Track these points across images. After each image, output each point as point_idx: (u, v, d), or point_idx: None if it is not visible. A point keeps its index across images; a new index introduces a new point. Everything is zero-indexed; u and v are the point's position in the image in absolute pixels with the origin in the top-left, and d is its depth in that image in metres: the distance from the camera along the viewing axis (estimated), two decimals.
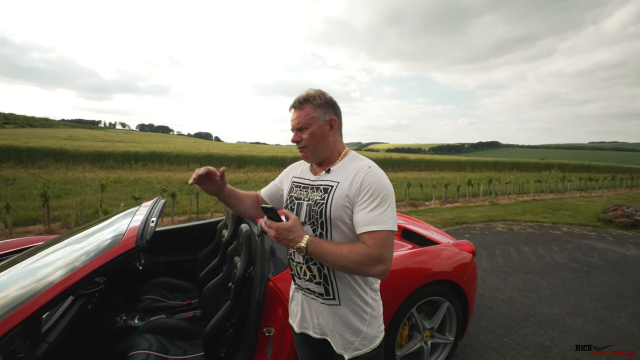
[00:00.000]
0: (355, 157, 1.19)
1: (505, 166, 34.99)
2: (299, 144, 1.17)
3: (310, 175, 1.24)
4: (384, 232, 1.02)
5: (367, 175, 1.08)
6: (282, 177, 1.38)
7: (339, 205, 1.09)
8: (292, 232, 1.03)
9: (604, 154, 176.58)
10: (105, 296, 2.22)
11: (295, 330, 1.28)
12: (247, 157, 24.53)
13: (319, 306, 1.19)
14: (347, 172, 1.13)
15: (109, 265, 1.39)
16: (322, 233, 1.12)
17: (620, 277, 4.12)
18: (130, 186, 11.65)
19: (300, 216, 1.16)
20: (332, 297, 1.15)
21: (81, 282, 1.32)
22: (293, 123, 1.17)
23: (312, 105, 1.15)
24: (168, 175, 16.62)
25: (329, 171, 1.18)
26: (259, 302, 1.64)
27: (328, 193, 1.12)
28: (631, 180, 18.55)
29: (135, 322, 2.15)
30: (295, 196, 1.22)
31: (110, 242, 1.49)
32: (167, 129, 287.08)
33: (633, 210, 7.55)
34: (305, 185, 1.22)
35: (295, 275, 1.24)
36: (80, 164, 18.78)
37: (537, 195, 12.59)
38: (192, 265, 2.82)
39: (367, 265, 1.01)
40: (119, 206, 6.83)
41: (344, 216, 1.09)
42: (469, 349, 2.51)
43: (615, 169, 37.71)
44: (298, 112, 1.16)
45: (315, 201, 1.13)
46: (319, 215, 1.11)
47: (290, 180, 1.30)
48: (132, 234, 1.51)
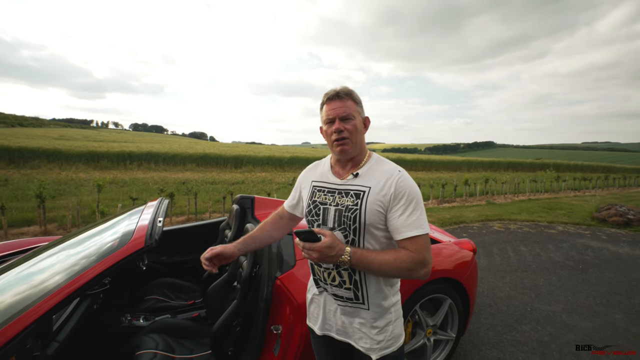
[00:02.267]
0: (381, 161, 1.18)
1: (501, 166, 35.29)
2: (340, 134, 1.11)
3: (333, 178, 1.20)
4: (423, 236, 1.05)
5: (400, 180, 1.09)
6: (299, 184, 1.35)
7: (373, 211, 1.08)
8: (333, 248, 1.02)
9: (597, 154, 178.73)
10: (109, 297, 2.23)
11: (317, 332, 1.27)
12: (244, 157, 24.44)
13: (345, 310, 1.18)
14: (376, 177, 1.12)
15: (119, 265, 1.40)
16: (354, 239, 1.10)
17: (614, 275, 4.19)
18: (125, 187, 11.58)
19: (327, 221, 1.14)
20: (362, 302, 1.14)
21: (92, 282, 1.34)
22: (337, 111, 1.11)
23: (354, 100, 1.14)
24: (164, 175, 16.55)
25: (356, 175, 1.15)
26: (267, 300, 1.66)
27: (361, 199, 1.09)
28: (623, 180, 18.81)
29: (140, 322, 2.16)
30: (319, 201, 1.18)
31: (120, 242, 1.51)
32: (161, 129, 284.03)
33: (626, 209, 7.67)
34: (331, 189, 1.18)
35: (319, 280, 1.22)
36: (74, 164, 18.60)
37: (532, 194, 12.74)
38: (194, 265, 2.83)
39: (413, 270, 1.04)
40: (116, 207, 6.78)
41: (377, 222, 1.09)
42: (470, 345, 2.55)
43: (608, 168, 38.23)
44: (341, 102, 1.12)
45: (346, 207, 1.11)
46: (352, 221, 1.09)
47: (310, 185, 1.25)
48: (141, 234, 1.52)
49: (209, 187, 11.41)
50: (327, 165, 1.25)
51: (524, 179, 15.64)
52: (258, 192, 10.22)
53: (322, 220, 1.15)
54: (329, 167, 1.24)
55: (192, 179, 15.17)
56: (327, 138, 1.17)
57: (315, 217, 1.18)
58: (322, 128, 1.21)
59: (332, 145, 1.15)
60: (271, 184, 13.72)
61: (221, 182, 14.02)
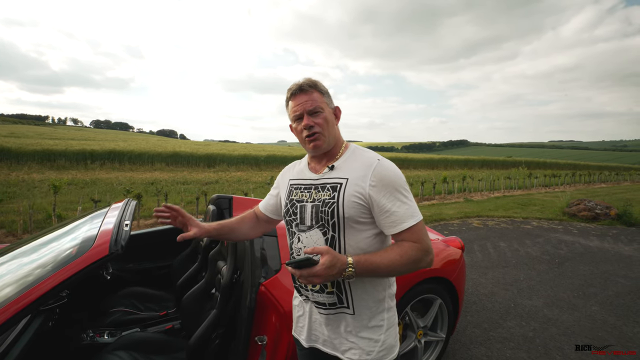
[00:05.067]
0: (358, 150, 1.11)
1: (475, 164, 36.54)
2: (311, 129, 1.05)
3: (310, 174, 1.13)
4: (420, 223, 0.99)
5: (381, 169, 1.01)
6: (277, 184, 1.28)
7: (351, 203, 1.00)
8: (334, 266, 0.90)
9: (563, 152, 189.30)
10: (67, 311, 1.97)
11: (304, 345, 1.16)
12: (217, 155, 23.39)
13: (329, 318, 1.08)
14: (354, 167, 1.05)
15: (78, 276, 1.22)
16: (334, 236, 1.02)
17: (588, 268, 4.35)
18: (87, 188, 10.75)
19: (304, 219, 1.06)
20: (346, 306, 1.05)
21: (45, 297, 1.15)
22: (303, 106, 1.05)
23: (320, 91, 1.07)
24: (130, 175, 15.63)
25: (332, 168, 1.08)
26: (250, 308, 1.52)
27: (337, 191, 1.02)
28: (589, 177, 19.94)
29: (104, 339, 1.92)
30: (296, 199, 1.11)
31: (79, 249, 1.32)
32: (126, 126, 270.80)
33: (594, 204, 8.07)
34: (307, 185, 1.11)
35: (300, 288, 1.13)
36: (26, 164, 17.06)
37: (507, 191, 13.20)
38: (166, 272, 2.62)
39: (420, 261, 0.98)
40: (76, 210, 6.23)
41: (358, 215, 1.01)
42: (458, 344, 2.52)
43: (574, 166, 40.56)
44: (306, 96, 1.05)
45: (323, 201, 1.03)
46: (330, 215, 1.01)
47: (288, 184, 1.19)
48: (105, 239, 1.34)
49: (180, 188, 10.90)
50: (304, 162, 1.20)
51: (498, 176, 16.21)
52: (234, 191, 9.88)
53: (299, 219, 1.08)
54: (306, 164, 1.18)
55: (162, 179, 14.46)
56: (298, 136, 1.11)
57: (292, 217, 1.10)
58: (291, 126, 1.13)
59: (304, 142, 1.09)
60: (247, 183, 13.35)
61: (193, 182, 13.41)
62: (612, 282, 3.88)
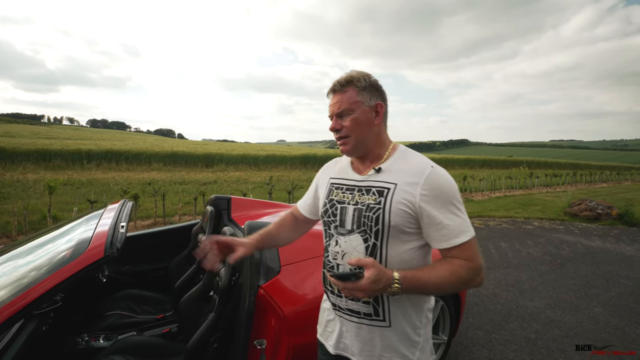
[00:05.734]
0: (408, 153, 1.03)
1: (476, 163, 36.48)
2: (338, 132, 1.00)
3: (353, 174, 1.06)
4: (473, 239, 0.92)
5: (435, 176, 0.93)
6: (316, 182, 1.22)
7: (399, 211, 0.93)
8: (380, 280, 0.84)
9: (564, 151, 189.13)
10: (62, 315, 1.93)
11: (330, 351, 1.11)
12: (216, 155, 23.12)
13: (362, 328, 1.01)
14: (404, 172, 0.97)
15: (73, 279, 1.19)
16: (375, 243, 0.95)
17: (590, 268, 4.32)
18: (83, 188, 10.65)
19: (345, 222, 1.00)
20: (382, 318, 0.98)
21: (39, 301, 1.13)
22: (332, 108, 1.01)
23: (356, 88, 0.99)
24: (127, 175, 15.48)
25: (379, 170, 1.00)
26: (249, 312, 1.49)
27: (385, 197, 0.95)
28: (590, 176, 19.90)
29: (100, 343, 1.89)
30: (336, 199, 1.05)
31: (74, 251, 1.30)
32: (123, 125, 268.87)
33: (595, 204, 8.03)
34: (350, 186, 1.04)
35: (331, 292, 1.06)
36: (21, 164, 16.83)
37: (508, 191, 13.16)
38: (163, 274, 2.58)
39: (471, 281, 0.91)
40: (72, 211, 6.13)
41: (404, 225, 0.94)
42: (460, 347, 2.49)
43: (575, 165, 40.50)
44: (339, 96, 0.99)
45: (367, 205, 0.96)
46: (374, 222, 0.94)
47: (328, 182, 1.13)
48: (100, 242, 1.31)
49: (178, 188, 10.80)
50: (347, 160, 1.12)
51: (499, 176, 16.17)
52: (232, 192, 9.80)
53: (339, 222, 1.02)
54: (349, 163, 1.10)
55: (159, 179, 14.35)
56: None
57: (332, 218, 1.04)
58: None
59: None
60: (246, 183, 13.28)
61: (191, 182, 13.31)
62: (615, 282, 3.85)
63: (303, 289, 1.60)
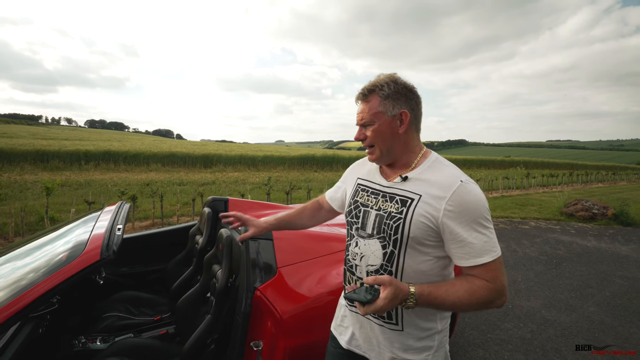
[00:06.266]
0: (439, 163, 0.99)
1: (474, 164, 36.63)
2: (363, 142, 1.01)
3: (380, 178, 1.05)
4: (498, 259, 0.88)
5: (463, 192, 0.89)
6: (345, 178, 1.24)
7: (420, 224, 0.91)
8: (397, 297, 0.83)
9: (560, 151, 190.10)
10: (59, 317, 1.92)
11: (343, 345, 1.13)
12: (214, 156, 23.10)
13: (375, 329, 1.03)
14: (431, 183, 0.94)
15: (69, 282, 1.20)
16: (393, 252, 0.95)
17: (585, 268, 4.36)
18: (80, 189, 10.60)
19: (366, 226, 1.00)
20: (395, 322, 0.99)
21: (34, 304, 1.13)
22: (357, 118, 1.01)
23: (379, 96, 0.97)
24: (125, 176, 15.44)
25: (405, 178, 0.98)
26: (246, 314, 1.50)
27: (407, 207, 0.93)
28: (586, 176, 20.01)
29: (97, 345, 1.88)
30: (361, 202, 1.05)
31: (70, 254, 1.30)
32: (121, 126, 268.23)
33: (591, 204, 8.09)
34: (375, 190, 1.04)
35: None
36: (18, 165, 16.76)
37: (505, 191, 13.23)
38: (160, 276, 2.58)
39: (491, 303, 0.88)
40: (69, 212, 6.13)
41: (424, 238, 0.92)
42: (456, 347, 2.51)
43: (571, 165, 40.71)
44: (363, 106, 0.99)
45: (389, 213, 0.96)
46: (394, 231, 0.93)
47: (355, 182, 1.13)
48: (96, 244, 1.32)
49: (176, 189, 10.72)
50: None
51: (496, 176, 16.23)
52: (230, 192, 9.78)
53: (361, 224, 1.03)
54: (377, 165, 1.10)
55: (158, 179, 14.32)
56: None
57: (354, 219, 1.06)
58: None
59: None
60: (244, 184, 13.28)
61: (190, 183, 13.29)
62: (609, 282, 3.89)
63: (300, 290, 1.61)
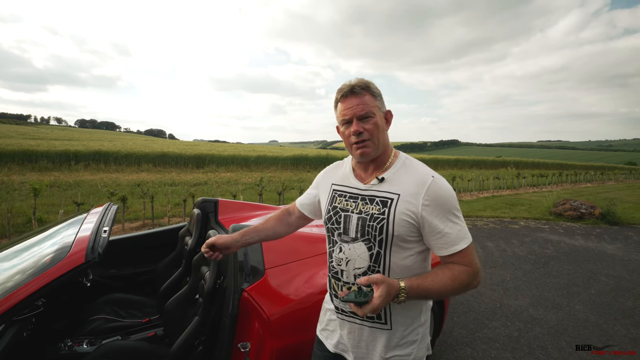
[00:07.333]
0: (409, 161, 1.06)
1: (466, 164, 36.99)
2: (360, 136, 0.99)
3: (356, 182, 1.08)
4: (471, 245, 0.97)
5: (436, 187, 0.97)
6: (317, 184, 1.24)
7: (402, 222, 0.96)
8: (390, 294, 0.87)
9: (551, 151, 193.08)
10: (45, 320, 1.89)
11: (330, 349, 1.15)
12: (207, 156, 22.86)
13: (364, 331, 1.06)
14: (406, 182, 0.99)
15: (52, 285, 1.19)
16: (379, 252, 0.99)
17: (572, 267, 4.45)
18: (70, 190, 10.42)
19: (349, 231, 1.03)
20: (384, 322, 1.03)
21: (18, 307, 1.12)
22: (353, 111, 0.99)
23: (372, 94, 1.01)
24: (116, 177, 15.22)
25: (382, 180, 1.02)
26: (233, 315, 1.50)
27: (388, 207, 0.98)
28: (575, 176, 20.37)
29: (83, 348, 1.86)
30: (340, 207, 1.07)
31: (54, 257, 1.29)
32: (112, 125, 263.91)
33: (579, 203, 8.24)
34: (353, 194, 1.06)
35: (335, 296, 1.09)
36: (6, 165, 16.37)
37: (495, 191, 13.39)
38: (149, 278, 2.56)
39: (469, 285, 0.96)
40: (58, 213, 6.02)
41: (407, 235, 0.98)
42: (444, 345, 2.55)
43: (561, 165, 41.40)
44: (357, 99, 0.99)
45: (371, 215, 0.99)
46: (378, 232, 0.97)
47: (330, 188, 1.14)
48: (81, 247, 1.31)
49: (167, 189, 10.62)
50: (349, 166, 1.14)
51: (487, 176, 16.43)
52: (223, 193, 9.72)
53: (343, 229, 1.04)
54: (351, 170, 1.12)
55: (149, 180, 14.15)
56: (345, 140, 1.06)
57: (335, 225, 1.07)
58: (338, 128, 1.09)
59: (351, 148, 1.04)
60: (237, 184, 13.21)
61: (181, 184, 13.16)
62: (595, 280, 3.97)
63: (287, 291, 1.62)
